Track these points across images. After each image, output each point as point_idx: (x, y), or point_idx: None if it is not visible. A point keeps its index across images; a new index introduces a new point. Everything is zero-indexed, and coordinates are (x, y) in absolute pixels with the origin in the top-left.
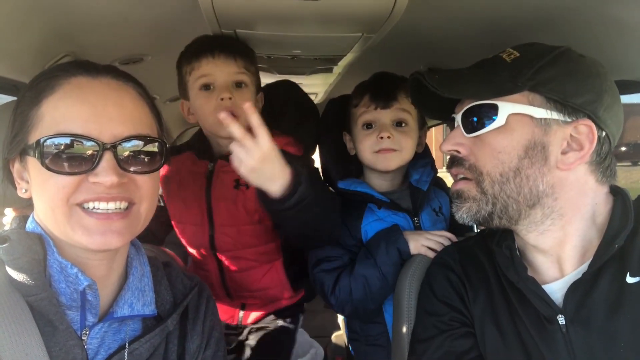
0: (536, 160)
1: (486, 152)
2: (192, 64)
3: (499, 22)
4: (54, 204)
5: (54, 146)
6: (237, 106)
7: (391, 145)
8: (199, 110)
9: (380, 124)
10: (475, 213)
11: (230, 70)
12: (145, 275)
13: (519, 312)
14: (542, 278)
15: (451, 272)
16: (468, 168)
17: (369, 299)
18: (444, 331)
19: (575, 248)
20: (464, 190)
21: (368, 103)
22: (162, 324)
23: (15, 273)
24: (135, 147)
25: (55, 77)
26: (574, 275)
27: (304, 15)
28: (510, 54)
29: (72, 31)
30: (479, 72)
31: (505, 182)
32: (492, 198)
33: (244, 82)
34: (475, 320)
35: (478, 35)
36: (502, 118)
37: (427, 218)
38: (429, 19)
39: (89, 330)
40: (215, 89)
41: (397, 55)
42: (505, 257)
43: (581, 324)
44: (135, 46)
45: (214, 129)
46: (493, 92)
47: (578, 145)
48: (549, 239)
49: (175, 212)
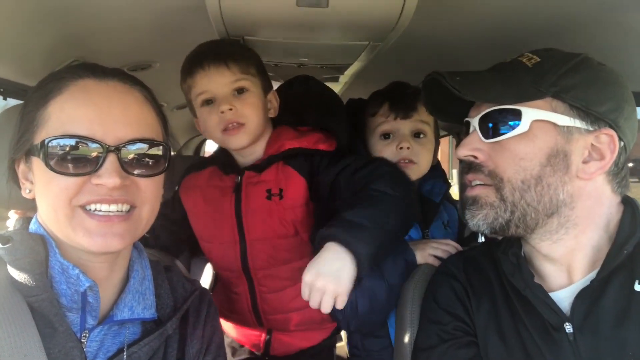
0: (558, 169)
1: (507, 158)
2: (187, 81)
3: (508, 29)
4: (56, 205)
5: (58, 147)
6: (240, 115)
7: (410, 156)
8: (205, 126)
9: (399, 135)
10: (492, 221)
11: (224, 80)
12: (147, 279)
13: (524, 321)
14: (549, 286)
15: (455, 280)
16: (487, 174)
17: (375, 311)
18: (446, 340)
19: (586, 257)
20: (481, 196)
21: (387, 113)
22: (161, 328)
23: (17, 273)
24: (139, 150)
25: (63, 78)
26: (582, 283)
27: (311, 22)
28: (530, 58)
29: (81, 37)
30: (500, 75)
31: (526, 189)
32: (511, 206)
33: (245, 88)
34: (478, 329)
35: (486, 43)
36: (525, 124)
37: (437, 231)
38: (437, 28)
39: (88, 332)
40: (215, 102)
41: (404, 64)
42: (511, 265)
43: (589, 332)
44: (143, 53)
45: (222, 144)
46: (516, 96)
47: (599, 155)
48: (561, 248)
49: (201, 231)
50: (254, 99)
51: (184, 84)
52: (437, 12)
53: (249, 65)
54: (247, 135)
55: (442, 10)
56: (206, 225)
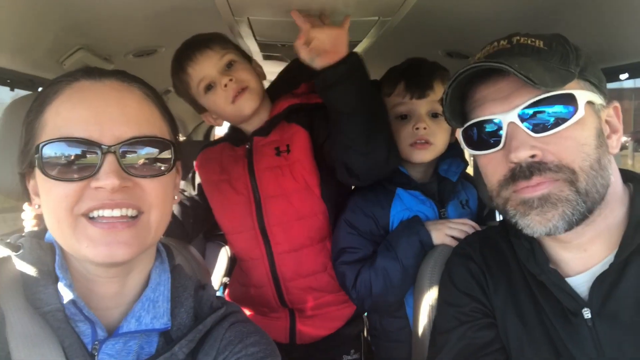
0: (604, 149)
1: (570, 148)
2: (182, 78)
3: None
4: (59, 215)
5: (53, 152)
6: (241, 80)
7: (427, 136)
8: (216, 108)
9: (415, 115)
10: (570, 217)
11: (213, 60)
12: (162, 284)
13: (542, 304)
14: (565, 271)
15: (471, 261)
16: (555, 170)
17: (389, 292)
18: (465, 322)
19: (605, 239)
20: (552, 193)
21: (403, 93)
22: (169, 350)
23: (25, 284)
24: (140, 149)
25: (59, 82)
26: (600, 267)
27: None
28: (533, 40)
29: (85, 24)
30: (530, 59)
31: (595, 175)
32: (584, 196)
33: (232, 60)
34: (496, 311)
35: (500, 16)
36: (581, 108)
37: (453, 209)
38: (448, 1)
39: (99, 344)
40: (215, 83)
41: (415, 41)
42: (525, 249)
43: (608, 318)
44: (148, 37)
45: (236, 114)
46: (562, 80)
47: (613, 128)
48: (590, 231)
49: (217, 197)
50: (244, 65)
51: (180, 85)
52: None
53: (226, 42)
54: (254, 95)
55: None
56: (222, 191)
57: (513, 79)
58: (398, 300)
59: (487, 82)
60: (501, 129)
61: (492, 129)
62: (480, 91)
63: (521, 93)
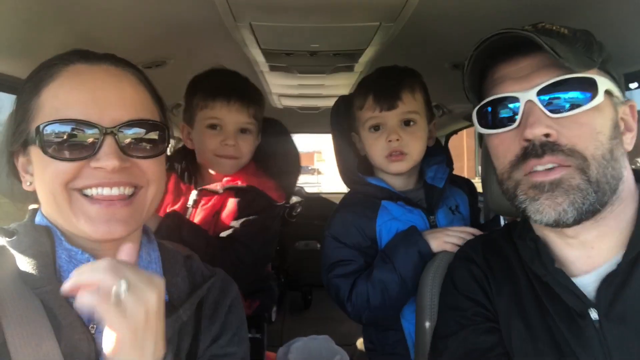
0: (619, 142)
1: (584, 133)
2: (206, 101)
3: (533, 8)
4: (53, 189)
5: (54, 133)
6: (238, 150)
7: (400, 147)
8: (201, 145)
9: (388, 127)
10: (580, 206)
11: (240, 119)
12: (153, 262)
13: (547, 307)
14: (570, 271)
15: (474, 265)
16: (568, 153)
17: (387, 305)
18: (466, 326)
19: (613, 238)
20: (565, 179)
21: (373, 106)
22: (174, 315)
23: (23, 266)
24: (137, 132)
25: (54, 65)
26: (607, 267)
27: (320, 3)
28: (558, 27)
29: (94, 34)
30: (555, 40)
31: (607, 165)
32: (595, 186)
33: (249, 130)
34: (500, 315)
35: (506, 19)
36: (601, 94)
37: (443, 217)
38: (452, 8)
39: (97, 323)
40: (221, 130)
41: (419, 52)
42: (529, 250)
43: (616, 320)
44: (156, 49)
45: (210, 164)
46: (584, 64)
47: (628, 127)
48: (602, 228)
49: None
50: (251, 139)
51: (197, 100)
52: None
53: (260, 111)
54: (237, 165)
55: None
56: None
57: (535, 58)
58: (396, 313)
59: (508, 61)
60: (518, 108)
61: (508, 108)
62: (500, 70)
63: (542, 73)
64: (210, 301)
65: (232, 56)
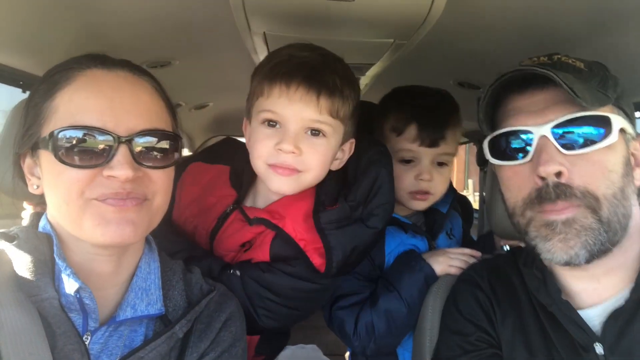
0: (630, 178)
1: (596, 172)
2: (262, 86)
3: (542, 28)
4: (68, 198)
5: (67, 139)
6: (301, 162)
7: (428, 187)
8: (254, 148)
9: (421, 163)
10: (592, 247)
11: (305, 114)
12: (152, 272)
13: (552, 338)
14: (577, 303)
15: (478, 290)
16: (580, 197)
17: (393, 334)
18: (469, 352)
19: (620, 272)
20: (577, 218)
21: (413, 137)
22: (169, 330)
23: (21, 273)
24: (150, 141)
25: (70, 69)
26: (614, 302)
27: (337, 17)
28: (574, 61)
29: (102, 31)
30: (571, 76)
31: (617, 204)
32: (606, 226)
33: (323, 132)
34: (503, 343)
35: (518, 45)
36: (615, 133)
37: (443, 241)
38: (465, 26)
39: (90, 334)
40: (280, 130)
41: (427, 69)
42: (536, 279)
43: (622, 355)
44: (163, 49)
45: (261, 176)
46: (599, 102)
47: (638, 162)
48: (610, 262)
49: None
50: (327, 148)
51: (255, 83)
52: (467, 9)
53: (343, 105)
54: (298, 184)
55: (471, 7)
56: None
57: (550, 93)
58: (401, 339)
59: (523, 93)
60: (531, 142)
61: (521, 141)
62: (514, 101)
63: (557, 109)
64: (203, 315)
65: (239, 61)
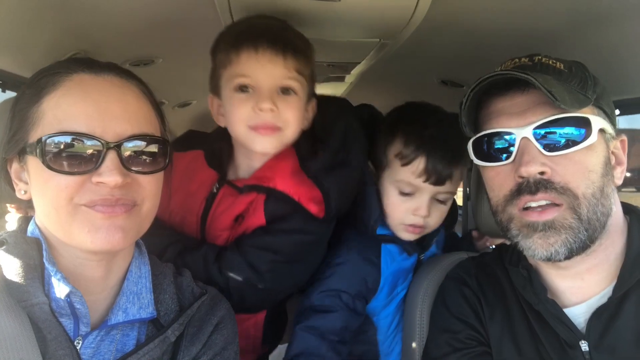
0: (610, 178)
1: (577, 172)
2: (229, 55)
3: (527, 27)
4: (57, 204)
5: (55, 144)
6: (279, 118)
7: (423, 223)
8: (231, 115)
9: (420, 198)
10: (571, 244)
11: (276, 72)
12: (143, 276)
13: (539, 335)
14: (562, 301)
15: (466, 287)
16: (560, 191)
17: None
18: (459, 349)
19: (603, 270)
20: (557, 220)
21: (419, 172)
22: (162, 334)
23: (10, 278)
24: (139, 146)
25: (57, 74)
26: (598, 299)
27: (323, 17)
28: (554, 62)
29: (83, 29)
30: (551, 78)
31: (597, 203)
32: (586, 224)
33: (293, 89)
34: (492, 340)
35: (502, 45)
36: (595, 134)
37: (431, 250)
38: (450, 26)
39: (82, 339)
40: (254, 92)
41: (411, 67)
42: (521, 277)
43: (606, 352)
44: (146, 47)
45: (244, 141)
46: (579, 103)
47: (618, 160)
48: (591, 260)
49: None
50: (297, 103)
51: (221, 56)
52: (451, 10)
53: (307, 63)
54: (280, 142)
55: (455, 8)
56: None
57: (531, 95)
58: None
59: (504, 95)
60: (513, 143)
61: (504, 142)
62: (496, 103)
63: (538, 110)
64: (195, 319)
65: None
